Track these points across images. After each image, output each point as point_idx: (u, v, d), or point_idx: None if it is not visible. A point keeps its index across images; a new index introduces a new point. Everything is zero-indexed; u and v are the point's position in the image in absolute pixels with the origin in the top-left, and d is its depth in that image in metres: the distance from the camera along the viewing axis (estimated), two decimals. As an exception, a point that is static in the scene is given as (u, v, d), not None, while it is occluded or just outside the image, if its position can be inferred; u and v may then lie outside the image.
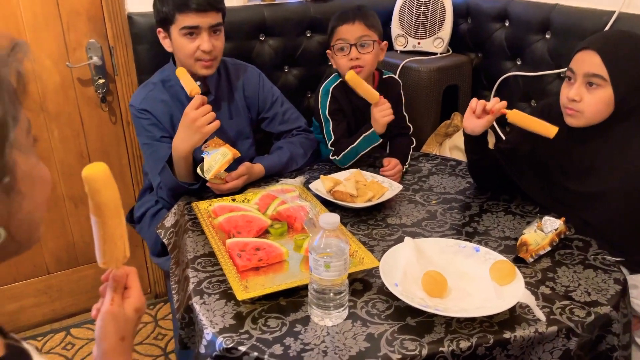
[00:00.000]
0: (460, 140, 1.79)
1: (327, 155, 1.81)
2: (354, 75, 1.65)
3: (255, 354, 0.98)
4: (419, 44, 2.33)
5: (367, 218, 1.47)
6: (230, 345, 1.00)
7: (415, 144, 1.90)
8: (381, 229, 1.42)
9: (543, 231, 1.29)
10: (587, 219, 1.43)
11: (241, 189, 1.60)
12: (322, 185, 1.56)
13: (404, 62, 2.24)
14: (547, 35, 2.02)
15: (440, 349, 0.99)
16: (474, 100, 1.46)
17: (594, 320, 1.07)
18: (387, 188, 1.56)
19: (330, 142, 1.78)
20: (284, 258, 1.26)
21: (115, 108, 2.16)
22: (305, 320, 1.07)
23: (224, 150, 1.51)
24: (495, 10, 2.22)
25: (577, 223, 1.41)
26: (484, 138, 1.53)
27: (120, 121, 2.18)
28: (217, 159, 1.50)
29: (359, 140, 1.71)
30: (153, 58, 1.96)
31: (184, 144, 1.52)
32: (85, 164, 0.75)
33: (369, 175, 1.64)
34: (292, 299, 1.13)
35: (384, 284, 1.10)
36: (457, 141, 2.20)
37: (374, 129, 1.67)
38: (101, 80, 2.07)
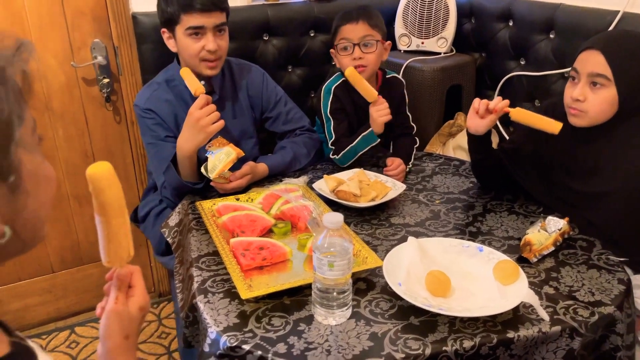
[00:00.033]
0: (464, 140, 1.78)
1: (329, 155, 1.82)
2: (353, 72, 1.65)
3: (259, 352, 0.98)
4: (423, 43, 2.32)
5: (371, 218, 1.47)
6: (234, 344, 1.00)
7: (418, 144, 1.89)
8: (384, 229, 1.42)
9: (547, 231, 1.28)
10: (591, 219, 1.43)
11: (245, 189, 1.60)
12: (326, 184, 1.56)
13: (407, 62, 2.23)
14: (551, 35, 2.01)
15: (444, 349, 0.99)
16: (476, 100, 1.46)
17: (598, 320, 1.07)
18: (391, 188, 1.56)
19: (331, 141, 1.79)
20: (287, 257, 1.27)
21: (119, 107, 2.16)
22: (309, 319, 1.07)
23: (228, 149, 1.52)
24: (499, 10, 2.22)
25: (581, 223, 1.41)
26: (487, 138, 1.53)
27: (125, 121, 2.18)
28: (221, 158, 1.50)
29: (357, 139, 1.71)
30: (157, 58, 1.97)
31: (188, 143, 1.53)
32: (89, 163, 0.76)
33: (372, 175, 1.64)
34: (296, 298, 1.13)
35: (388, 284, 1.11)
36: (461, 141, 2.20)
37: (372, 129, 1.68)
38: (106, 80, 2.08)
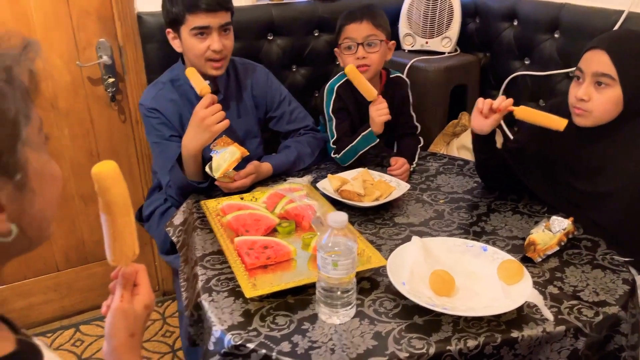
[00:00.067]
0: (468, 140, 1.78)
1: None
2: (353, 69, 1.65)
3: (264, 351, 0.99)
4: (427, 43, 2.32)
5: (375, 217, 1.47)
6: (239, 343, 1.01)
7: (422, 144, 1.89)
8: (388, 228, 1.42)
9: (551, 231, 1.28)
10: (596, 219, 1.42)
11: (249, 188, 1.60)
12: (330, 184, 1.56)
13: (411, 62, 2.23)
14: (556, 35, 2.01)
15: (448, 348, 0.99)
16: (480, 100, 1.46)
17: (602, 320, 1.07)
18: (395, 187, 1.56)
19: (333, 140, 1.79)
20: (291, 256, 1.27)
21: (124, 107, 2.17)
22: (313, 318, 1.07)
23: (232, 149, 1.52)
24: (503, 10, 2.21)
25: (586, 223, 1.40)
26: (491, 137, 1.53)
27: (130, 120, 2.19)
28: (226, 157, 1.50)
29: (357, 139, 1.71)
30: (162, 57, 1.97)
31: (193, 142, 1.54)
32: (94, 163, 0.76)
33: (376, 175, 1.64)
34: (300, 297, 1.13)
35: (392, 283, 1.11)
36: (465, 141, 2.20)
37: (372, 129, 1.68)
38: (111, 80, 2.09)
